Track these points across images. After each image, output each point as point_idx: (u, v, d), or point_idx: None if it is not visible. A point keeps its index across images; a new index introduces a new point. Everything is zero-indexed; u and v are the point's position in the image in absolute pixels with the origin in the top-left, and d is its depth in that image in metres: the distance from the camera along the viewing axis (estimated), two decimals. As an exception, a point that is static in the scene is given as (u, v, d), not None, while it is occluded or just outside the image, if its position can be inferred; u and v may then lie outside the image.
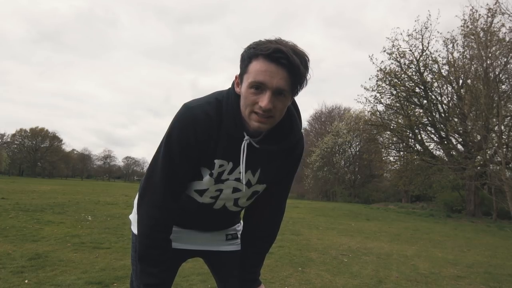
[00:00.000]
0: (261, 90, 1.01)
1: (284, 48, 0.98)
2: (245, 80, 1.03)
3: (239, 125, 1.10)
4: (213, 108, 1.11)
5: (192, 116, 1.09)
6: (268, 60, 0.98)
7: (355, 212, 16.90)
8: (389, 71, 19.71)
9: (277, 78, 0.99)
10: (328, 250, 6.01)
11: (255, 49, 1.00)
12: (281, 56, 0.97)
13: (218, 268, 1.42)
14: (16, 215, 7.61)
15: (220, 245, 1.39)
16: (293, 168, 1.28)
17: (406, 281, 4.25)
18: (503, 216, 15.92)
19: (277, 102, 1.02)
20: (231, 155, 1.14)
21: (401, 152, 24.23)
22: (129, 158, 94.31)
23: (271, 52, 0.97)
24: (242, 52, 1.05)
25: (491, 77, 15.20)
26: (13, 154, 68.08)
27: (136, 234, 1.32)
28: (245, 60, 1.03)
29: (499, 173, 13.79)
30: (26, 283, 3.25)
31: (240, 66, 1.07)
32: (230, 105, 1.10)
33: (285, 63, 0.98)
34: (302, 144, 1.25)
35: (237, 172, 1.17)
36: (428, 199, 25.81)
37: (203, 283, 3.55)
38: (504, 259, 6.40)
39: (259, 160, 1.18)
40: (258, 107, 1.02)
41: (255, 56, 1.00)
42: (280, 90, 1.01)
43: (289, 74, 1.00)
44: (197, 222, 1.33)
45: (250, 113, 1.05)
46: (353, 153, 35.78)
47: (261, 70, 0.99)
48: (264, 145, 1.14)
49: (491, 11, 15.89)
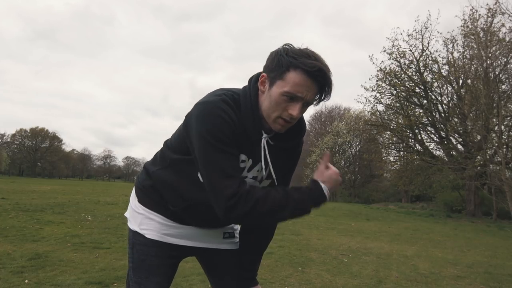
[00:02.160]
0: (293, 100, 1.07)
1: (325, 68, 1.05)
2: (280, 86, 1.06)
3: (257, 123, 1.13)
4: (231, 101, 1.11)
5: (219, 106, 1.07)
6: (307, 76, 1.04)
7: (355, 212, 16.90)
8: (389, 71, 19.71)
9: (311, 92, 1.06)
10: (328, 250, 6.01)
11: (297, 61, 1.03)
12: (320, 75, 1.04)
13: (214, 266, 1.42)
14: (16, 215, 7.61)
15: (217, 243, 1.39)
16: (295, 162, 1.34)
17: (406, 281, 4.25)
18: (503, 216, 15.92)
19: (302, 111, 1.10)
20: (250, 152, 1.17)
21: (401, 152, 24.23)
22: (129, 158, 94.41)
23: (314, 70, 1.03)
24: (276, 55, 1.07)
25: (491, 77, 15.20)
26: (13, 154, 68.10)
27: (133, 230, 1.31)
28: (282, 66, 1.05)
29: (499, 173, 13.79)
30: (26, 283, 3.25)
31: (273, 68, 1.07)
32: (249, 103, 1.13)
33: (321, 82, 1.06)
34: (302, 142, 1.32)
35: (256, 170, 1.20)
36: (428, 199, 25.81)
37: (203, 283, 3.55)
38: (504, 259, 6.40)
39: (270, 157, 1.21)
40: (287, 114, 1.08)
41: (295, 68, 1.04)
42: (308, 102, 1.09)
43: (320, 91, 1.08)
44: (198, 217, 1.32)
45: (277, 118, 1.09)
46: (353, 153, 35.77)
47: (300, 84, 1.04)
48: (278, 142, 1.19)
49: (491, 11, 15.92)
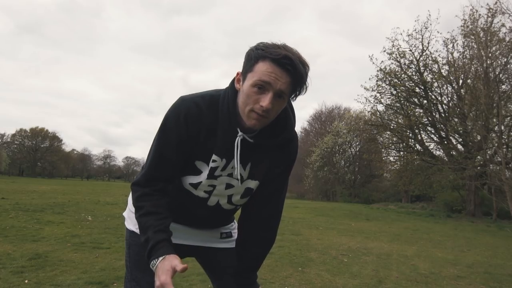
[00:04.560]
0: (264, 90, 1.05)
1: (292, 56, 1.03)
2: (249, 78, 1.06)
3: (233, 121, 1.14)
4: (206, 103, 1.15)
5: (184, 107, 1.14)
6: (275, 64, 1.03)
7: (355, 212, 16.90)
8: (389, 71, 19.69)
9: (281, 81, 1.04)
10: (328, 250, 6.01)
11: (264, 51, 1.04)
12: (288, 63, 1.03)
13: (213, 266, 1.43)
14: (16, 215, 7.61)
15: (215, 243, 1.41)
16: (286, 168, 1.29)
17: (406, 281, 4.25)
18: (503, 216, 15.91)
19: (275, 104, 1.07)
20: (224, 152, 1.17)
21: (401, 152, 24.21)
22: (129, 158, 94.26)
23: (280, 57, 1.02)
24: (248, 51, 1.09)
25: (491, 77, 15.21)
26: (13, 154, 68.03)
27: (130, 230, 1.34)
28: (251, 59, 1.06)
29: (499, 173, 13.80)
30: (26, 283, 3.25)
31: (245, 64, 1.09)
32: (226, 102, 1.14)
33: (291, 70, 1.03)
34: (296, 145, 1.28)
35: (230, 167, 1.20)
36: (428, 199, 25.78)
37: (203, 283, 3.55)
38: (504, 259, 6.40)
39: (250, 155, 1.20)
40: (259, 107, 1.06)
41: (263, 58, 1.04)
42: (281, 92, 1.05)
43: (292, 81, 1.05)
44: (192, 219, 1.34)
45: (250, 112, 1.08)
46: (353, 153, 35.77)
47: (268, 71, 1.03)
48: (258, 140, 1.17)
49: (491, 11, 15.91)
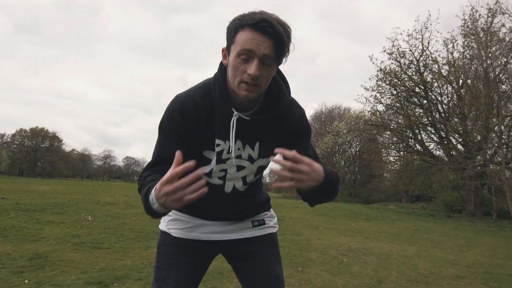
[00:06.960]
0: (249, 59, 1.04)
1: (269, 18, 1.02)
2: (233, 50, 1.06)
3: (227, 103, 1.13)
4: (199, 93, 1.16)
5: (178, 103, 1.15)
6: (254, 30, 1.02)
7: (355, 212, 16.89)
8: (389, 71, 19.71)
9: (263, 46, 1.03)
10: (328, 250, 6.01)
11: (241, 20, 1.04)
12: (267, 25, 1.01)
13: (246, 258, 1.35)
14: (16, 215, 7.61)
15: (247, 232, 1.36)
16: (301, 136, 1.24)
17: (406, 281, 4.25)
18: (503, 216, 15.92)
19: (264, 70, 1.06)
20: (225, 134, 1.17)
21: (401, 152, 24.22)
22: (129, 158, 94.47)
23: (257, 21, 1.01)
24: (227, 25, 1.09)
25: (491, 77, 15.21)
26: (13, 154, 68.02)
27: (162, 230, 1.36)
28: (231, 31, 1.06)
29: (499, 173, 13.80)
30: (26, 283, 3.25)
31: (227, 38, 1.09)
32: (217, 85, 1.14)
33: (271, 32, 1.02)
34: (299, 112, 1.23)
35: (236, 149, 1.20)
36: (428, 199, 25.78)
37: (203, 283, 3.54)
38: (504, 259, 6.40)
39: (255, 134, 1.19)
40: (247, 75, 1.04)
41: (242, 27, 1.04)
42: (266, 57, 1.04)
43: (275, 43, 1.03)
44: (218, 211, 1.32)
45: (239, 83, 1.07)
46: (353, 153, 35.76)
47: (248, 38, 1.02)
48: (255, 116, 1.16)
49: (491, 11, 15.91)
